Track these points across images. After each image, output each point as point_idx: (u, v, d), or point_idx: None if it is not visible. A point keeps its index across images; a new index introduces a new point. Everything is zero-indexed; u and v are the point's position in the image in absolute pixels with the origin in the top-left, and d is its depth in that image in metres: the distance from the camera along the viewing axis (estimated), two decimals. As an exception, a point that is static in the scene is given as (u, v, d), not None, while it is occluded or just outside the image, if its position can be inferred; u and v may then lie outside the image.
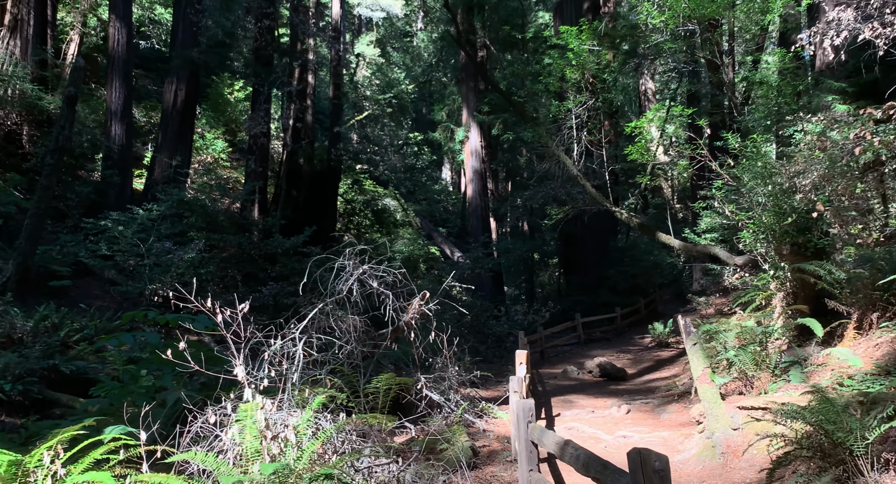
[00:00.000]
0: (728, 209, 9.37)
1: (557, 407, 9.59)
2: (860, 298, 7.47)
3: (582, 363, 13.82)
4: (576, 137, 13.68)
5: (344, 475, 4.00)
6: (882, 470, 4.08)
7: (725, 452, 6.05)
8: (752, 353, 6.92)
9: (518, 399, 5.51)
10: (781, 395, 6.18)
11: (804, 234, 8.14)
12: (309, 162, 25.17)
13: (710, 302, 17.26)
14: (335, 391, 6.18)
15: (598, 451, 7.14)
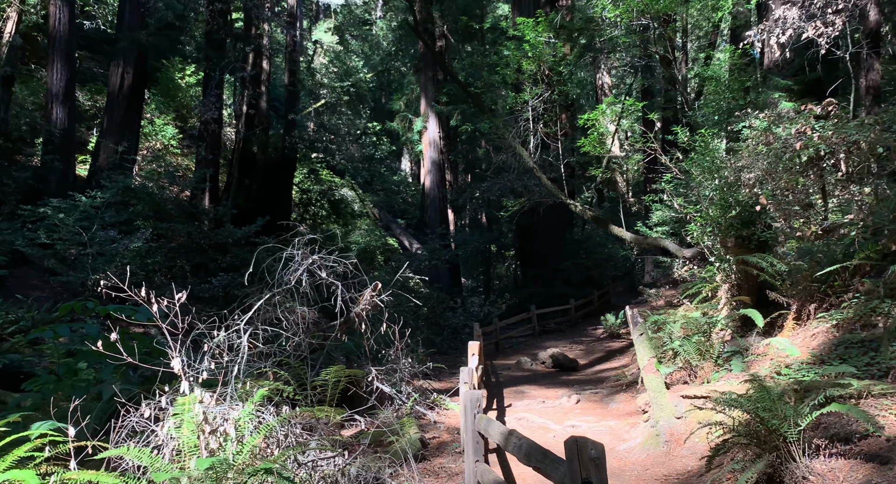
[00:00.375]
0: (677, 202, 9.57)
1: (510, 398, 9.65)
2: (799, 290, 7.73)
3: (535, 354, 13.96)
4: (532, 130, 13.74)
5: (285, 470, 3.90)
6: (813, 455, 4.22)
7: (669, 440, 6.19)
8: (696, 343, 7.09)
9: (467, 390, 5.49)
10: (723, 384, 6.34)
11: (748, 228, 8.37)
12: (263, 150, 24.62)
13: (661, 294, 17.69)
14: (281, 384, 6.04)
15: (546, 440, 7.21)
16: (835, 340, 6.27)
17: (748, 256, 7.95)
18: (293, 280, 6.42)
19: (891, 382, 4.83)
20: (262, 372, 6.06)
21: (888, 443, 4.01)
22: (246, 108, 24.74)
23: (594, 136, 10.89)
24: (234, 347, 6.05)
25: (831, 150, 6.34)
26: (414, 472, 5.29)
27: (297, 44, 23.15)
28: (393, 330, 7.37)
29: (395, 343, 7.41)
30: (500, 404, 9.01)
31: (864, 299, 6.71)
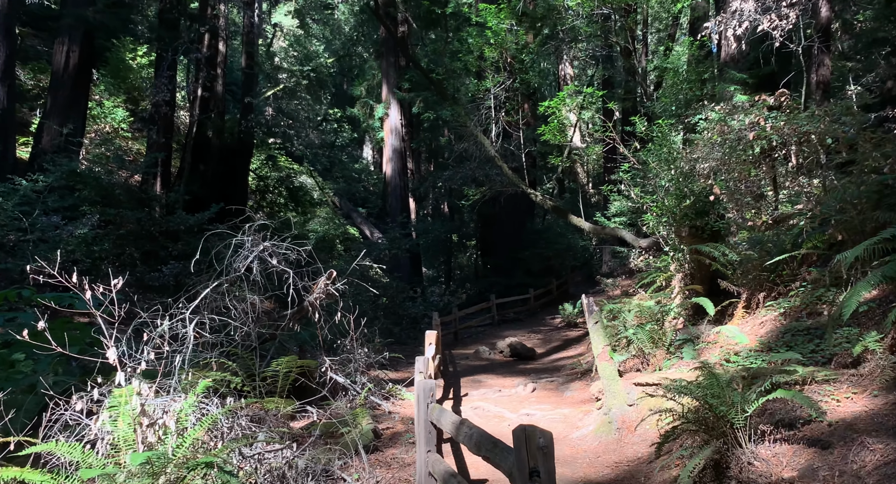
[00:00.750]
0: (634, 192, 9.65)
1: (466, 387, 9.63)
2: (749, 279, 7.89)
3: (494, 344, 13.99)
4: (494, 118, 13.68)
5: (228, 464, 3.74)
6: (758, 441, 4.28)
7: (621, 428, 6.23)
8: (649, 331, 7.16)
9: (421, 380, 5.40)
10: (674, 371, 6.42)
11: (702, 218, 8.49)
12: (218, 135, 23.92)
13: (618, 283, 17.96)
14: (229, 375, 5.84)
15: (501, 429, 7.20)
16: (782, 328, 6.41)
17: (701, 246, 8.06)
18: (243, 267, 6.20)
19: (834, 368, 4.95)
20: (208, 363, 5.84)
21: (830, 428, 4.09)
22: (201, 91, 23.95)
23: (554, 124, 10.89)
24: (179, 336, 5.81)
25: (783, 141, 6.45)
26: (364, 463, 5.19)
27: (254, 25, 22.49)
28: (348, 320, 7.21)
29: (350, 333, 7.26)
30: (457, 394, 8.98)
31: (810, 288, 6.88)
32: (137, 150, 26.59)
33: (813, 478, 3.71)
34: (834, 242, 7.00)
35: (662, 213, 8.96)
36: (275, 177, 29.69)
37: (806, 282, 7.11)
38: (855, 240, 6.20)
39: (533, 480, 2.35)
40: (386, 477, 5.21)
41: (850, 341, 4.97)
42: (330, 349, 8.87)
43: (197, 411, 4.74)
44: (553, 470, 2.43)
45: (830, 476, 3.65)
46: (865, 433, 3.83)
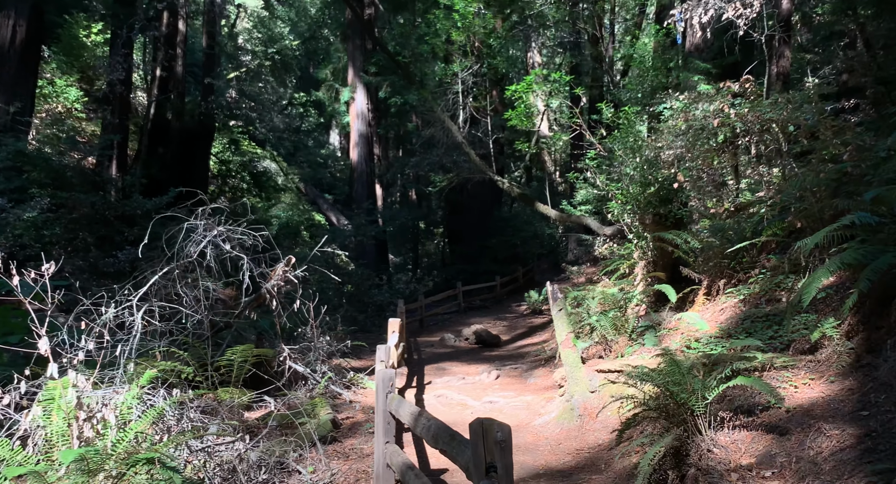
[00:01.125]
0: (600, 180, 9.62)
1: (431, 375, 9.53)
2: (710, 266, 7.95)
3: (459, 331, 13.93)
4: (461, 104, 13.50)
5: (170, 460, 3.54)
6: (718, 428, 4.27)
7: (583, 414, 6.21)
8: (612, 318, 7.15)
9: (381, 369, 5.26)
10: (636, 358, 6.42)
11: (665, 205, 8.51)
12: (178, 117, 23.18)
13: (583, 271, 18.07)
14: (180, 365, 5.60)
15: (464, 417, 7.12)
16: (741, 315, 6.45)
17: (664, 233, 8.09)
18: (195, 253, 5.92)
19: (792, 354, 4.98)
20: (157, 352, 5.59)
21: (788, 414, 4.09)
22: (159, 71, 23.14)
23: (521, 110, 10.76)
24: (126, 325, 5.54)
25: (746, 128, 6.47)
26: (320, 455, 5.03)
27: (216, 4, 21.76)
28: (308, 307, 7.00)
29: (310, 321, 7.05)
30: (420, 382, 8.87)
31: (769, 275, 6.95)
32: (92, 131, 25.62)
33: (771, 464, 3.70)
34: (793, 229, 7.08)
35: (627, 200, 8.96)
36: (237, 161, 28.96)
37: (765, 269, 7.18)
38: (814, 227, 6.25)
39: (490, 476, 2.24)
40: (343, 469, 5.06)
41: (808, 328, 5.01)
42: (290, 338, 8.65)
43: (142, 404, 4.51)
44: (511, 465, 2.32)
45: (788, 462, 3.65)
46: (822, 419, 3.84)
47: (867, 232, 5.14)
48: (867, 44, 13.26)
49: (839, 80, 15.40)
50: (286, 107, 35.94)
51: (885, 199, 4.93)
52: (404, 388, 8.40)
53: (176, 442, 4.07)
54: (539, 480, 5.00)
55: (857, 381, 4.09)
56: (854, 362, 4.33)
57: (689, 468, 3.93)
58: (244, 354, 6.32)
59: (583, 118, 10.20)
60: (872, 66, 11.92)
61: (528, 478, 5.04)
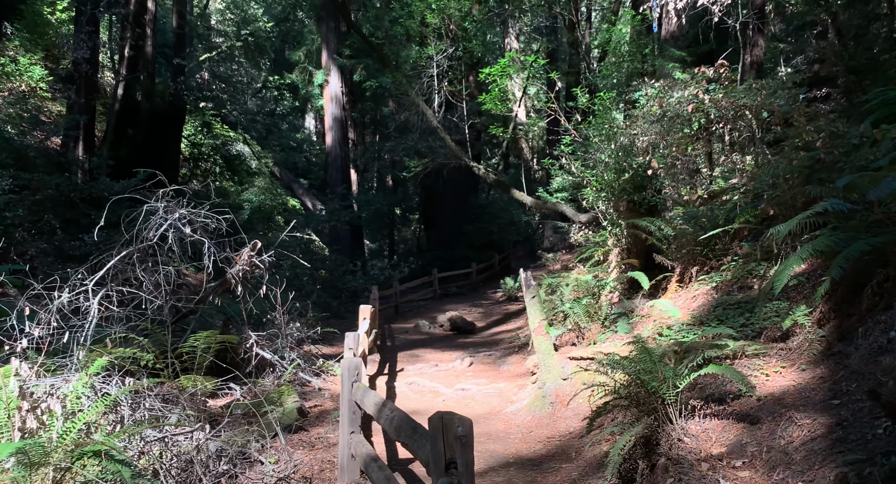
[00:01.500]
0: (575, 166, 9.53)
1: (403, 362, 9.41)
2: (683, 254, 7.93)
3: (434, 318, 13.83)
4: (436, 88, 13.26)
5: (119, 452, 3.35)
6: (689, 416, 4.22)
7: (555, 402, 6.15)
8: (585, 305, 7.09)
9: (348, 357, 5.11)
10: (608, 345, 6.37)
11: (639, 192, 8.47)
12: (148, 98, 22.52)
13: (558, 258, 18.09)
14: (139, 351, 5.38)
15: (435, 404, 7.02)
16: (714, 302, 6.43)
17: (638, 220, 8.04)
18: (155, 236, 5.68)
19: (763, 342, 4.95)
20: (115, 339, 5.36)
21: (759, 403, 4.06)
22: (128, 50, 22.41)
23: (495, 93, 10.54)
24: (81, 310, 5.29)
25: (721, 114, 6.41)
26: (282, 444, 4.88)
27: (185, -19, 21.06)
28: (275, 293, 6.81)
29: (277, 307, 6.85)
30: (393, 369, 8.74)
31: (741, 262, 6.95)
32: (58, 111, 24.82)
33: (741, 454, 3.65)
34: (766, 216, 7.08)
35: (602, 187, 8.89)
36: (210, 144, 28.29)
37: (738, 256, 7.18)
38: (786, 215, 6.24)
39: (450, 473, 2.12)
40: (308, 459, 4.92)
41: (780, 315, 4.98)
42: (258, 324, 8.44)
43: (95, 393, 4.31)
44: (472, 461, 2.20)
45: (759, 452, 3.61)
46: (793, 408, 3.80)
47: (839, 219, 5.12)
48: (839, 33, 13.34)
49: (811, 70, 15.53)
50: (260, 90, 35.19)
51: (857, 186, 4.90)
52: (376, 375, 8.27)
53: (129, 433, 3.88)
54: (508, 469, 4.92)
55: (829, 369, 4.07)
56: (825, 350, 4.31)
57: (660, 458, 3.87)
58: (207, 340, 6.12)
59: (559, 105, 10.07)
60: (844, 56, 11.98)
61: (498, 467, 4.96)
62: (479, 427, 6.06)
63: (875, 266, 4.59)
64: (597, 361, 4.61)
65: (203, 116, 28.54)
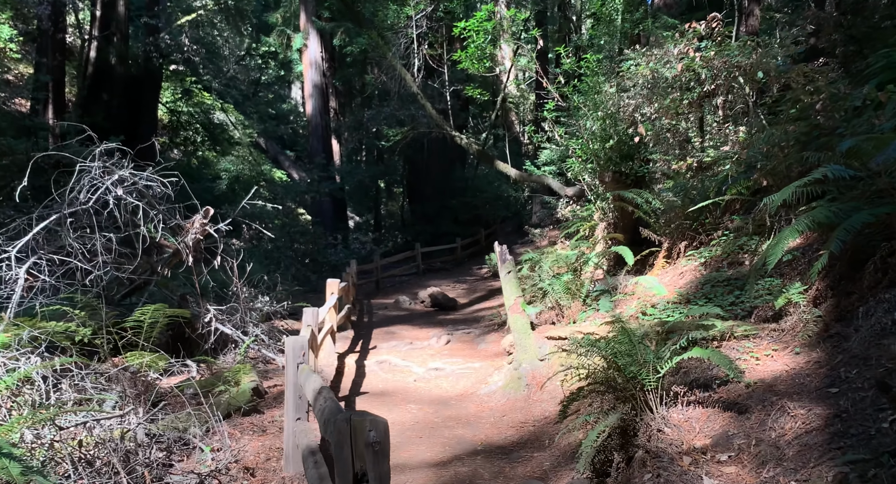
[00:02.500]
0: (558, 133, 9.03)
1: (378, 339, 8.99)
2: (672, 228, 7.51)
3: (416, 293, 13.40)
4: (416, 51, 12.60)
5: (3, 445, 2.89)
6: (670, 404, 3.83)
7: (530, 384, 5.76)
8: (565, 282, 6.67)
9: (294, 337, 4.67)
10: (588, 324, 5.97)
11: (626, 162, 8.00)
12: (122, 62, 21.60)
13: (545, 234, 17.66)
14: (73, 326, 4.91)
15: (407, 384, 6.63)
16: (702, 279, 6.03)
17: (624, 192, 7.59)
18: (90, 200, 5.15)
19: (754, 322, 4.55)
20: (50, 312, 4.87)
21: (748, 389, 3.66)
22: (99, 9, 21.41)
23: (473, 50, 9.80)
24: (6, 280, 4.79)
25: (713, 75, 5.91)
26: (221, 429, 4.44)
27: (159, -62, 20.02)
28: (231, 265, 6.32)
29: (234, 280, 6.37)
30: (365, 346, 8.33)
31: (732, 237, 6.54)
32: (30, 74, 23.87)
33: (727, 447, 3.26)
34: (759, 188, 6.64)
35: (587, 157, 8.42)
36: (190, 112, 27.37)
37: (728, 231, 6.77)
38: (780, 185, 5.78)
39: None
40: (255, 446, 4.50)
41: (773, 293, 4.58)
42: (222, 298, 7.97)
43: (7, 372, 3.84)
44: (387, 473, 1.77)
45: (746, 445, 3.22)
46: (786, 396, 3.41)
47: (839, 188, 4.69)
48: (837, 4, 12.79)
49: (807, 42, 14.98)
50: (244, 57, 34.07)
51: (861, 152, 4.45)
52: (346, 353, 7.85)
53: (37, 419, 3.42)
54: (475, 457, 4.53)
55: (826, 352, 3.67)
56: (822, 332, 3.91)
57: (637, 450, 3.48)
58: (155, 314, 5.63)
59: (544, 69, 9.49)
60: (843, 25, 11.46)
61: (465, 455, 4.57)
62: (449, 409, 5.66)
63: (878, 239, 4.17)
64: (571, 341, 4.19)
65: (183, 83, 27.56)
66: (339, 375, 6.74)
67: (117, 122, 20.30)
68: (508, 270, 6.32)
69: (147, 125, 22.61)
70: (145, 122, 22.36)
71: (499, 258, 6.45)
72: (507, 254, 6.44)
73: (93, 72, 21.51)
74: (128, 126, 20.62)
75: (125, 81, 21.75)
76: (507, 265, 6.34)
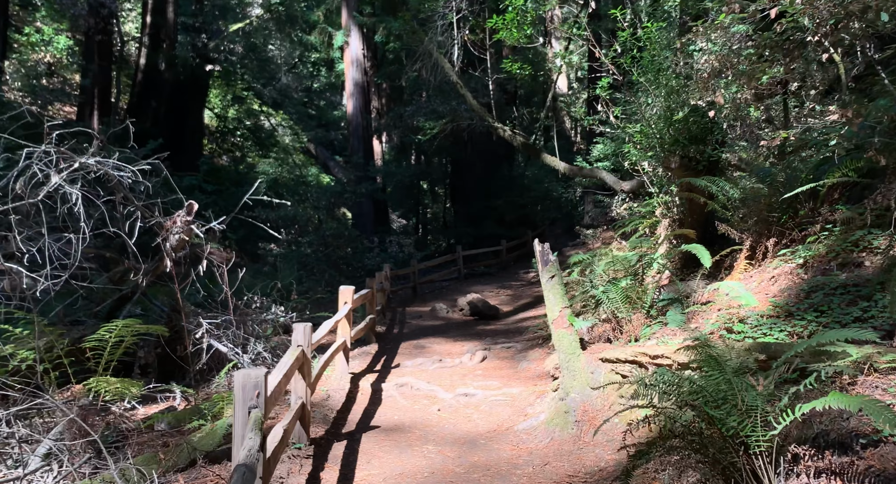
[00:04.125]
0: (614, 114, 7.74)
1: (404, 354, 7.89)
2: (754, 222, 6.15)
3: (455, 300, 12.27)
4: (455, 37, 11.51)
5: None
6: (788, 473, 2.56)
7: (581, 421, 4.53)
8: (624, 289, 5.39)
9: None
10: (654, 344, 4.68)
11: (697, 144, 6.64)
12: (170, 67, 21.50)
13: (598, 235, 16.25)
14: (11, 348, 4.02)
15: (430, 415, 5.50)
16: (804, 285, 4.66)
17: (695, 179, 6.25)
18: (38, 194, 4.27)
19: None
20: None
21: (922, 462, 2.35)
22: (150, 17, 21.41)
23: (511, 16, 8.44)
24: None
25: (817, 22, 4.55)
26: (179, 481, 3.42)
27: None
28: (221, 271, 5.36)
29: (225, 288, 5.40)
30: (387, 364, 7.24)
31: (839, 231, 5.13)
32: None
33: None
34: (873, 166, 5.21)
35: (649, 141, 7.09)
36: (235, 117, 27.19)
37: (830, 223, 5.36)
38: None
39: None
40: (213, 508, 3.46)
41: (928, 307, 3.21)
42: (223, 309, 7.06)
43: None
44: None
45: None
46: None
47: None
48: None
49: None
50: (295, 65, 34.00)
51: None
52: (363, 372, 6.78)
53: None
54: (504, 529, 3.35)
55: None
56: None
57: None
58: (123, 331, 4.72)
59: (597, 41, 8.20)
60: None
61: (489, 525, 3.40)
62: (477, 453, 4.50)
63: None
64: (634, 380, 2.96)
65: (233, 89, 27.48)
66: (349, 402, 5.67)
67: (164, 127, 20.18)
68: (552, 273, 5.10)
69: (193, 130, 22.46)
70: (191, 127, 22.21)
71: (539, 260, 5.24)
72: (550, 254, 5.22)
73: (142, 78, 21.52)
74: (174, 132, 20.50)
75: (172, 88, 21.67)
76: (550, 268, 5.12)
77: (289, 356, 4.06)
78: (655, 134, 6.64)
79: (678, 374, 2.91)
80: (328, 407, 5.42)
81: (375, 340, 8.42)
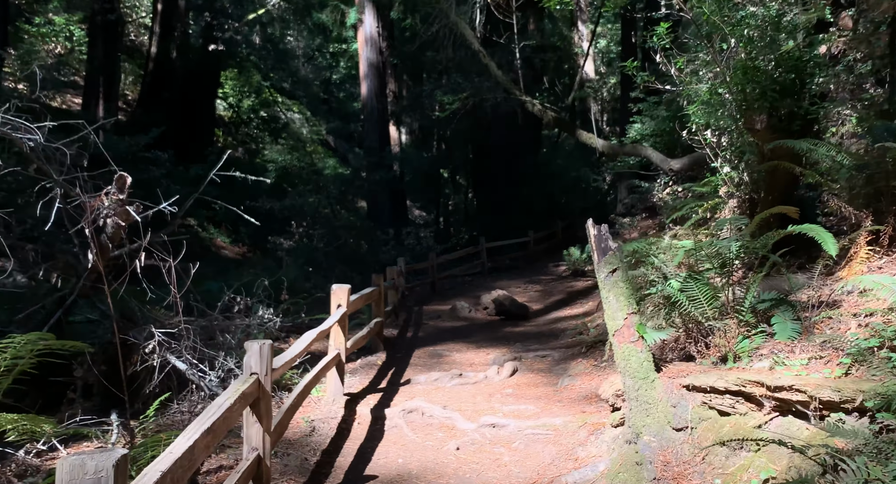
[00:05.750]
0: (677, 65, 6.27)
1: (418, 366, 6.54)
2: (874, 196, 4.67)
3: (478, 298, 10.89)
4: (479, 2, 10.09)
5: None
6: None
7: (662, 479, 3.13)
8: (711, 286, 3.94)
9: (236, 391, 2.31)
10: (769, 367, 3.25)
11: (791, 98, 5.16)
12: (182, 56, 20.53)
13: (636, 223, 14.75)
14: None
15: (445, 455, 4.11)
16: None
17: (792, 141, 4.77)
18: None
19: None
20: None
21: None
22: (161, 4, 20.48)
23: None
24: None
25: None
26: None
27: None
28: (168, 265, 4.05)
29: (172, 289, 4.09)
30: (395, 380, 5.88)
31: None
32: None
33: None
34: None
35: (723, 97, 5.62)
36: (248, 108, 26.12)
37: None
38: None
39: None
40: None
41: None
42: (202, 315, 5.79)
43: None
44: None
45: None
46: None
47: None
48: None
49: None
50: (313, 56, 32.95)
51: None
52: (363, 392, 5.43)
53: None
54: None
55: None
56: None
57: None
58: (23, 348, 3.45)
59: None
60: None
61: None
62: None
63: None
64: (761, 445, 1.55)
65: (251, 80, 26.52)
66: (340, 437, 4.33)
67: (176, 118, 19.26)
68: (613, 266, 3.67)
69: (204, 120, 21.49)
70: (202, 116, 21.24)
71: (594, 247, 3.81)
72: (610, 239, 3.79)
73: (153, 68, 20.62)
74: (186, 122, 19.61)
75: (184, 77, 20.74)
76: (611, 259, 3.70)
77: (226, 397, 2.72)
78: (735, 85, 5.16)
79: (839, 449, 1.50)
80: (310, 447, 4.09)
81: (384, 348, 7.08)
